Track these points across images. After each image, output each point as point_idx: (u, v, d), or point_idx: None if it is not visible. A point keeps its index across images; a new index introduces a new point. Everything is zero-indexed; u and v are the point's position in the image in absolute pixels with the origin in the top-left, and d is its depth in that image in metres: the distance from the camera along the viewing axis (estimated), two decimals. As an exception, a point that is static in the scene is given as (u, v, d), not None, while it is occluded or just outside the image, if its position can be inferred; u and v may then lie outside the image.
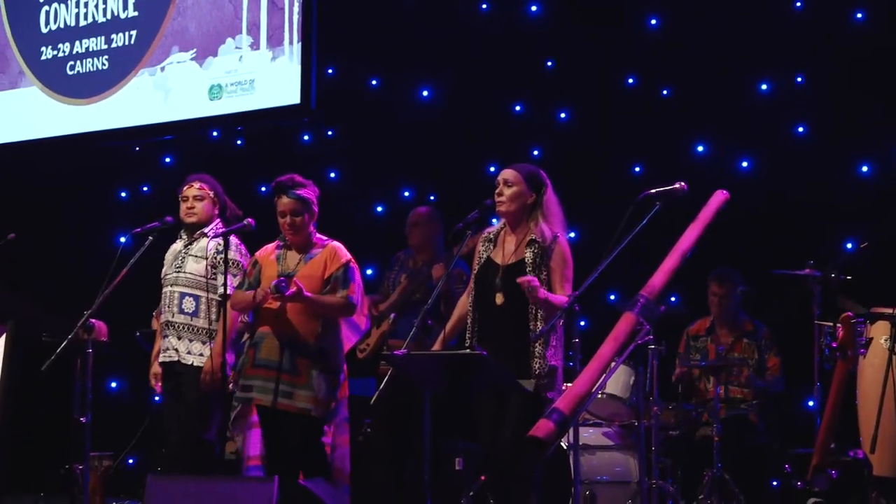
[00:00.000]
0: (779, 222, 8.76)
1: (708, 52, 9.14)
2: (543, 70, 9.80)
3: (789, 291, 8.44)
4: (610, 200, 9.15)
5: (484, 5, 10.03)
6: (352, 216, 9.95)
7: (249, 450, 6.95)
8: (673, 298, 8.74)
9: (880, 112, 8.55)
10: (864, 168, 8.74)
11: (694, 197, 5.04)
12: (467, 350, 5.98)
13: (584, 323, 8.02)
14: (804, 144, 8.89)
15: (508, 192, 6.08)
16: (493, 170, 8.85)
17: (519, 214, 6.10)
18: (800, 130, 8.94)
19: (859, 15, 8.79)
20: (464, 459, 7.61)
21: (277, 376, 6.38)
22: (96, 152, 10.67)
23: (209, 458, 6.80)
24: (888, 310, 5.98)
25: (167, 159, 11.08)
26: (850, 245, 8.49)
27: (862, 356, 5.93)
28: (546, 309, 5.90)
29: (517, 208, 6.09)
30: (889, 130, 8.57)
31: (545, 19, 9.82)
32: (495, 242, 6.20)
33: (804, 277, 7.25)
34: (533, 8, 9.85)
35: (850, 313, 5.89)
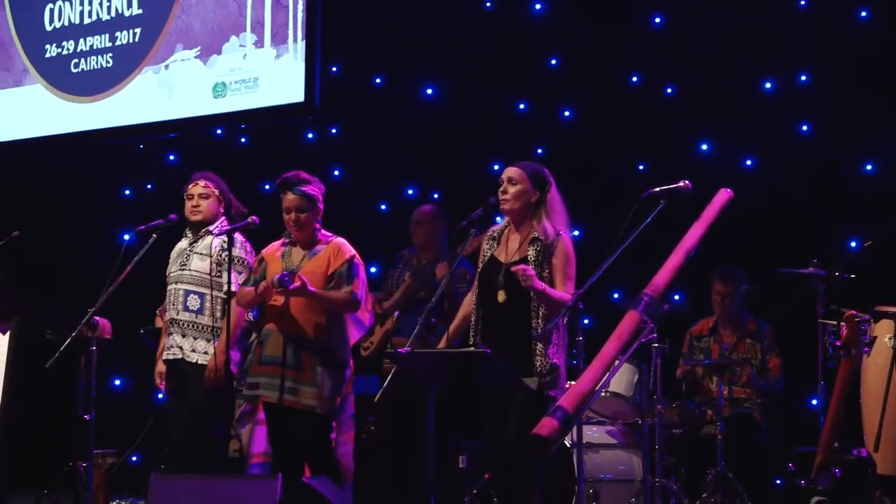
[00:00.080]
0: (783, 221, 8.76)
1: (712, 51, 9.14)
2: (547, 68, 9.79)
3: (793, 290, 8.45)
4: (614, 199, 9.18)
5: (488, 3, 10.03)
6: (356, 214, 9.95)
7: (254, 447, 6.96)
8: (677, 297, 8.74)
9: (884, 110, 8.54)
10: (869, 166, 8.73)
11: (698, 195, 5.04)
12: (471, 348, 5.98)
13: (588, 321, 8.03)
14: (808, 143, 8.88)
15: (512, 190, 6.07)
16: (497, 168, 8.85)
17: (523, 212, 6.10)
18: (804, 129, 8.93)
19: (864, 13, 8.78)
20: (468, 457, 7.61)
21: (283, 373, 6.37)
22: (100, 150, 10.69)
23: (212, 456, 6.79)
24: (892, 308, 5.97)
25: (171, 157, 11.08)
26: (855, 244, 8.48)
27: (866, 355, 5.91)
28: (545, 302, 5.89)
29: (521, 206, 6.08)
30: (893, 129, 8.56)
31: (549, 17, 9.82)
32: (499, 240, 6.20)
33: (808, 276, 7.25)
34: (537, 6, 9.84)
35: (854, 311, 5.88)
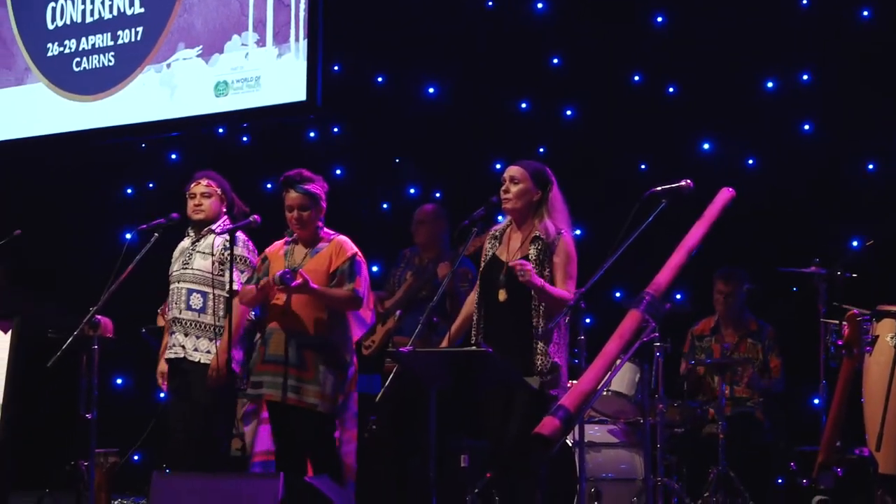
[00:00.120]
0: (784, 220, 8.76)
1: (714, 50, 9.14)
2: (549, 67, 9.80)
3: (794, 289, 8.46)
4: (615, 198, 9.19)
5: (490, 2, 10.04)
6: (357, 213, 9.95)
7: (257, 446, 6.95)
8: (679, 296, 8.75)
9: (886, 110, 8.54)
10: (871, 166, 8.74)
11: (700, 194, 5.05)
12: (473, 347, 5.98)
13: (590, 320, 8.04)
14: (810, 142, 8.89)
15: (515, 189, 6.07)
16: (499, 167, 8.85)
17: (525, 211, 6.10)
18: (806, 128, 8.93)
19: (866, 12, 8.78)
20: (469, 457, 7.61)
21: (286, 371, 6.38)
22: (102, 149, 10.69)
23: (214, 455, 6.79)
24: (894, 307, 5.97)
25: (173, 156, 11.09)
26: (856, 243, 8.48)
27: (868, 354, 5.91)
28: (545, 300, 5.88)
29: (523, 205, 6.08)
30: (895, 128, 8.55)
31: (551, 16, 9.82)
32: (501, 239, 6.20)
33: (810, 275, 7.25)
34: (539, 5, 9.85)
35: (856, 311, 5.88)
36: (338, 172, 10.24)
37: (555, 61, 9.79)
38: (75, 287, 9.35)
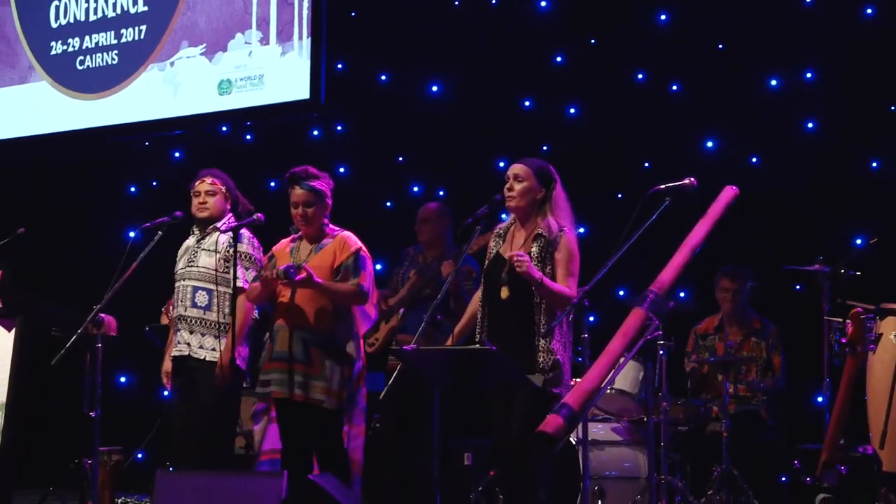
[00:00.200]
0: (788, 218, 8.76)
1: (717, 48, 9.15)
2: (552, 65, 9.79)
3: (798, 287, 8.46)
4: (619, 196, 9.21)
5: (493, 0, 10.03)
6: (361, 211, 9.94)
7: (265, 444, 6.95)
8: (682, 294, 8.75)
9: (890, 108, 8.54)
10: (874, 164, 8.73)
11: (703, 193, 5.05)
12: (476, 345, 5.98)
13: (594, 318, 8.04)
14: (814, 140, 8.88)
15: (518, 187, 6.07)
16: (503, 165, 8.85)
17: (528, 209, 6.09)
18: (809, 126, 8.93)
19: (869, 11, 8.78)
20: (473, 455, 7.62)
21: (293, 367, 6.38)
22: (106, 147, 10.69)
23: (219, 453, 6.79)
24: (898, 306, 5.97)
25: (176, 154, 11.09)
26: (860, 241, 8.48)
27: (871, 352, 5.92)
28: (544, 294, 5.86)
29: (527, 203, 6.07)
30: (898, 126, 8.57)
31: (554, 14, 9.82)
32: (505, 238, 6.20)
33: (814, 273, 7.24)
34: (542, 3, 9.84)
35: (860, 309, 5.88)
36: (341, 170, 10.24)
37: (558, 59, 9.79)
38: (79, 285, 9.38)
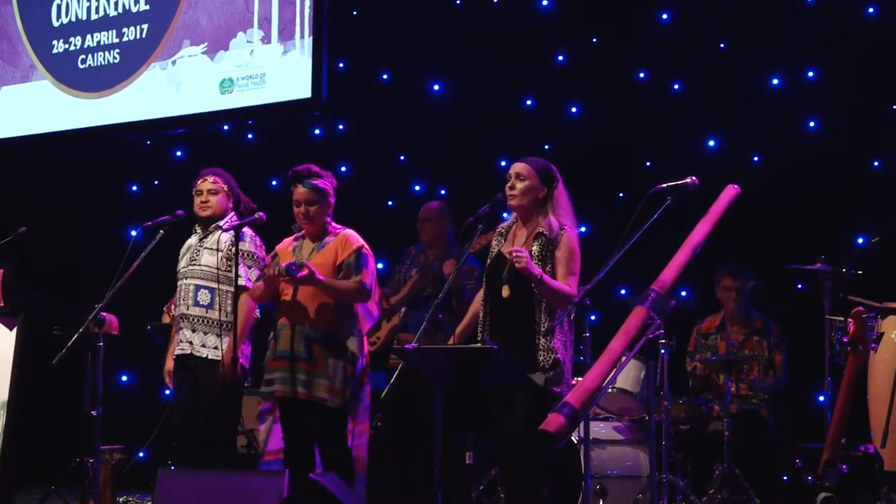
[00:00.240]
0: (789, 217, 8.75)
1: (719, 47, 9.14)
2: (554, 64, 9.79)
3: (800, 286, 8.45)
4: (621, 195, 9.21)
5: (495, -2, 10.04)
6: (362, 210, 9.94)
7: (269, 444, 6.94)
8: (684, 293, 8.75)
9: (892, 107, 8.53)
10: (876, 163, 8.73)
11: (705, 192, 5.05)
12: (478, 344, 5.98)
13: (595, 317, 8.03)
14: (815, 139, 8.88)
15: (520, 186, 6.06)
16: (504, 164, 8.85)
17: (530, 208, 6.08)
18: (811, 125, 8.92)
19: (871, 9, 8.77)
20: (474, 454, 7.61)
21: (293, 366, 6.38)
22: (107, 146, 10.69)
23: (221, 452, 6.79)
24: (900, 305, 5.98)
25: (178, 153, 11.10)
26: (862, 240, 8.47)
27: (873, 351, 5.92)
28: (543, 291, 5.84)
29: (529, 202, 6.06)
30: (901, 125, 8.57)
31: (556, 13, 9.81)
32: (506, 236, 6.20)
33: (815, 272, 7.24)
34: (544, 2, 9.84)
35: (862, 308, 5.88)
36: (343, 169, 10.24)
37: (560, 58, 9.79)
38: (80, 284, 9.38)
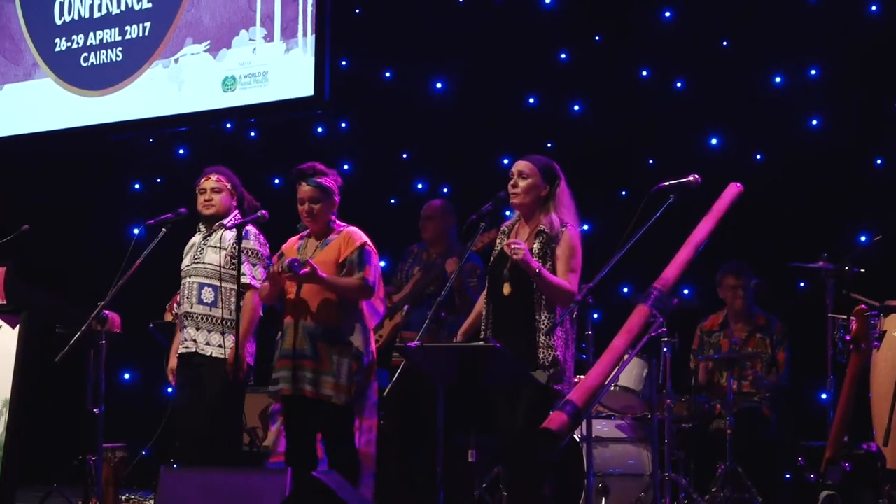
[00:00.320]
0: (792, 215, 8.75)
1: (722, 45, 9.14)
2: (557, 62, 9.79)
3: (802, 284, 8.45)
4: (623, 193, 9.21)
5: (498, -4, 10.04)
6: (365, 208, 9.94)
7: (280, 445, 6.94)
8: (686, 291, 8.75)
9: (894, 104, 8.53)
10: (878, 161, 8.72)
11: (707, 189, 5.04)
12: (481, 342, 5.97)
13: (598, 315, 8.04)
14: (818, 137, 8.88)
15: (523, 184, 6.06)
16: (507, 162, 8.84)
17: (533, 206, 6.08)
18: (813, 123, 8.92)
19: (874, 7, 8.77)
20: (477, 452, 7.61)
21: (297, 364, 6.38)
22: (110, 144, 10.70)
23: (224, 450, 6.79)
24: (903, 303, 5.97)
25: (181, 151, 11.10)
26: (864, 238, 8.47)
27: (876, 349, 5.92)
28: (543, 286, 5.83)
29: (531, 200, 6.06)
30: (903, 123, 8.56)
31: (558, 11, 9.81)
32: (509, 235, 6.20)
33: (817, 270, 7.23)
34: (546, 0, 9.84)
35: (864, 306, 5.88)
36: (345, 167, 10.24)
37: (562, 56, 9.79)
38: (83, 282, 9.38)
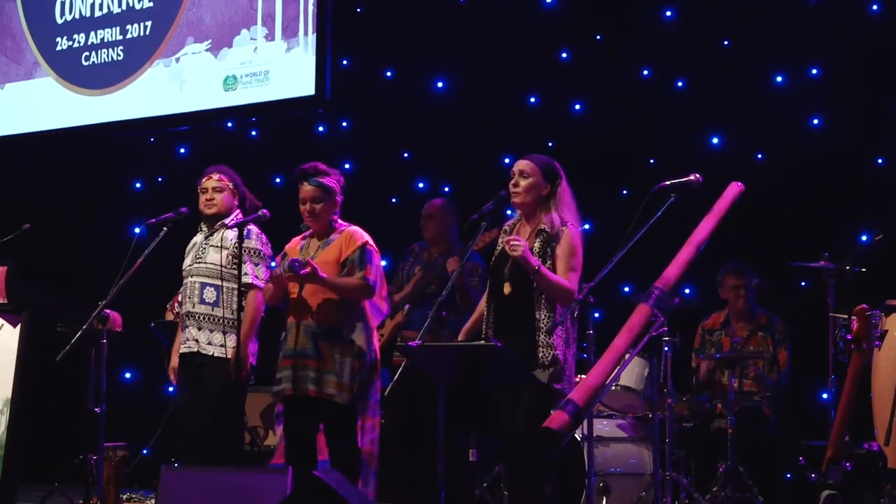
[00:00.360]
0: (793, 214, 8.75)
1: (723, 44, 9.13)
2: (558, 61, 9.79)
3: (803, 283, 8.45)
4: (624, 192, 9.21)
5: (499, -5, 10.03)
6: (366, 207, 9.93)
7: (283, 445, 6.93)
8: (687, 290, 8.74)
9: (895, 104, 8.53)
10: (880, 160, 8.72)
11: (708, 189, 5.04)
12: (482, 342, 5.97)
13: (599, 314, 8.03)
14: (819, 136, 8.87)
15: (524, 183, 6.05)
16: (508, 161, 8.84)
17: (534, 206, 6.08)
18: (815, 122, 8.92)
19: (875, 7, 8.77)
20: (478, 451, 7.61)
21: (305, 363, 6.38)
22: (111, 143, 10.69)
23: (226, 449, 6.79)
24: (904, 302, 5.97)
25: (182, 150, 11.10)
26: (865, 237, 8.47)
27: (877, 349, 5.91)
28: (542, 283, 5.82)
29: (532, 199, 6.06)
30: (904, 122, 8.56)
31: (559, 10, 9.81)
32: (510, 234, 6.19)
33: (819, 270, 7.23)
34: (548, -1, 9.86)
35: (865, 305, 5.88)
36: (346, 167, 10.24)
37: (563, 55, 9.79)
38: (84, 281, 9.37)
